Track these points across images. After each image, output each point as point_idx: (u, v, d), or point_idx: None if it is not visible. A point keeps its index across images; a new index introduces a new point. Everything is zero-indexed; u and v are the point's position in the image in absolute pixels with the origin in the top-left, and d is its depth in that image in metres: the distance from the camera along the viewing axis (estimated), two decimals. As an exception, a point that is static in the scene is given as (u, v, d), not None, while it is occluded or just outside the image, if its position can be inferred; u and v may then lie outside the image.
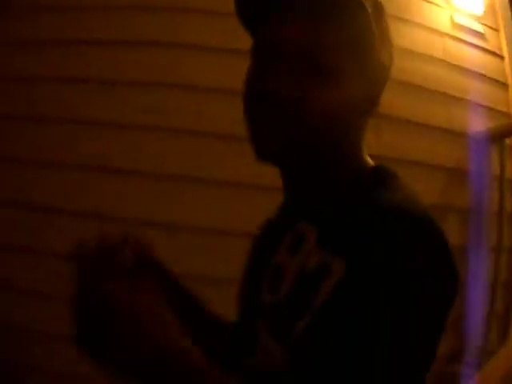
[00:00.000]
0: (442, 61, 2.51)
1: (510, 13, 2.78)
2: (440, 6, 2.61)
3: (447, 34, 2.58)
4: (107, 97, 2.22)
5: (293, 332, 0.69)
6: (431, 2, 2.58)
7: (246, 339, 0.80)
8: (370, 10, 0.74)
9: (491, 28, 2.74)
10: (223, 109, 2.02)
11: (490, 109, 2.60)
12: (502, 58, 2.73)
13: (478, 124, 2.51)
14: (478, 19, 2.72)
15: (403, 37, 2.42)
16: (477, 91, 2.55)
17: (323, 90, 0.72)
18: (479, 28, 2.70)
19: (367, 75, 0.77)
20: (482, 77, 2.61)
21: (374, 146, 2.24)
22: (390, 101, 2.30)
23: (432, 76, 2.47)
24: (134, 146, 2.18)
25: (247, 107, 0.78)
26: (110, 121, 2.20)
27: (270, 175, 0.84)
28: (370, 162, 0.82)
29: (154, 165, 2.18)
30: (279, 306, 0.75)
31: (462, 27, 2.64)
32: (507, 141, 2.53)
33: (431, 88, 2.44)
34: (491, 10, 2.74)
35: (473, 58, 2.60)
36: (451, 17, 2.63)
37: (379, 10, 0.78)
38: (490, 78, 2.64)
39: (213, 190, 2.16)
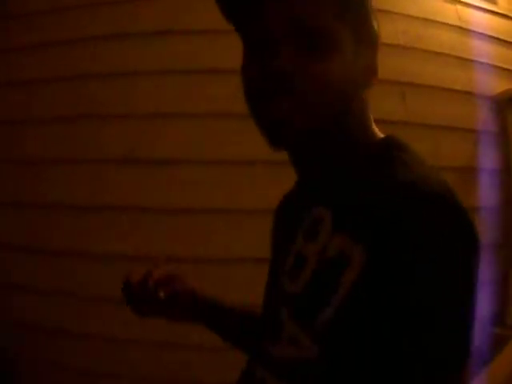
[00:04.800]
0: (457, 27, 2.55)
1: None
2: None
3: (459, 1, 2.62)
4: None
5: (318, 321, 0.67)
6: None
7: (270, 326, 0.79)
8: None
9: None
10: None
11: (505, 70, 2.64)
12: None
13: (495, 85, 2.55)
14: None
15: (418, 6, 2.46)
16: (491, 54, 2.59)
17: (324, 62, 0.70)
18: (489, -8, 2.74)
19: (365, 44, 0.75)
20: (496, 40, 2.64)
21: (400, 113, 2.30)
22: (413, 68, 2.36)
23: (448, 42, 2.51)
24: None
25: (251, 97, 0.75)
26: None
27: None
28: (378, 133, 0.79)
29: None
30: (301, 294, 0.73)
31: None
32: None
33: (449, 53, 2.48)
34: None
35: (485, 21, 2.64)
36: (461, -18, 2.67)
37: None
38: (505, 41, 2.68)
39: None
